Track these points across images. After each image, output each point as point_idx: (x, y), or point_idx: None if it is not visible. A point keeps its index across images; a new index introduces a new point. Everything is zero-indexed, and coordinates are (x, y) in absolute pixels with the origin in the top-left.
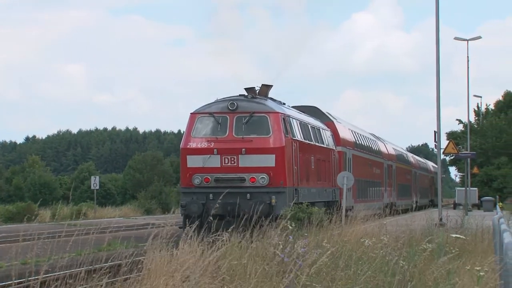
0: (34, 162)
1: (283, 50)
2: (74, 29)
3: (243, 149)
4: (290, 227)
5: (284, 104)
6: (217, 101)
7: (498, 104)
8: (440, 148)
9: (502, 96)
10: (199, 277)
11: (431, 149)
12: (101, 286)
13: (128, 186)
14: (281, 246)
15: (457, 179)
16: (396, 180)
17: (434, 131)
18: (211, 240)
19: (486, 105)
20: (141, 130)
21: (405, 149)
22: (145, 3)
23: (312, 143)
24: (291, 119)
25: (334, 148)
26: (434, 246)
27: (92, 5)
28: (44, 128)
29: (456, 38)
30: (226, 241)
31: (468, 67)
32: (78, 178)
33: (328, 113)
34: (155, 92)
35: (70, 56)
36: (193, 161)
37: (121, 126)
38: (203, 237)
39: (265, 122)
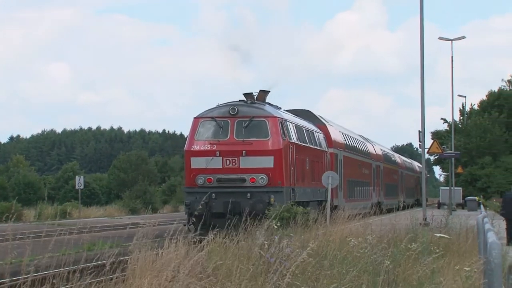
0: (18, 161)
1: (268, 49)
2: (59, 28)
3: (244, 151)
4: (275, 226)
5: (280, 108)
6: (218, 106)
7: (482, 104)
8: (425, 148)
9: (486, 95)
10: (184, 277)
11: (415, 149)
12: (85, 286)
13: (113, 185)
14: (266, 246)
15: (442, 179)
16: (384, 180)
17: (419, 130)
18: (197, 240)
19: (471, 104)
20: (125, 130)
21: (389, 148)
22: (130, 2)
23: (307, 145)
24: (287, 123)
25: (326, 150)
26: (419, 246)
27: (76, 4)
28: (28, 128)
29: (440, 38)
30: (212, 240)
31: (452, 67)
32: (63, 177)
33: (320, 116)
34: (140, 92)
35: (54, 55)
36: (196, 163)
37: (105, 126)
38: (186, 236)
39: (264, 126)
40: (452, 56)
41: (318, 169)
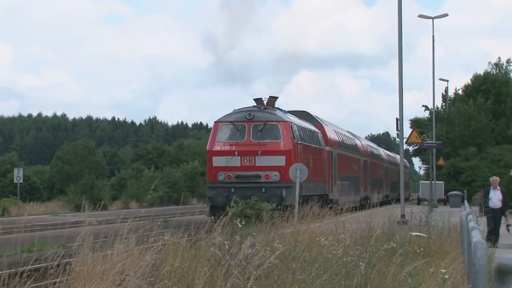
0: None
1: (228, 28)
2: None
3: (259, 151)
4: (240, 225)
5: (286, 112)
6: (235, 111)
7: (467, 88)
8: (403, 138)
9: (471, 79)
10: (134, 280)
11: (393, 138)
12: None
13: (56, 179)
14: (227, 247)
15: (421, 172)
16: (371, 175)
17: (396, 118)
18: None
19: (455, 89)
20: (70, 117)
21: (371, 142)
22: None
23: (310, 145)
24: (295, 125)
25: (324, 148)
26: (395, 246)
27: None
28: None
29: (420, 16)
30: (168, 240)
31: (433, 48)
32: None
33: (317, 117)
34: (87, 75)
35: None
36: (217, 161)
37: (48, 113)
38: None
39: (276, 129)
40: (433, 36)
41: (319, 166)
